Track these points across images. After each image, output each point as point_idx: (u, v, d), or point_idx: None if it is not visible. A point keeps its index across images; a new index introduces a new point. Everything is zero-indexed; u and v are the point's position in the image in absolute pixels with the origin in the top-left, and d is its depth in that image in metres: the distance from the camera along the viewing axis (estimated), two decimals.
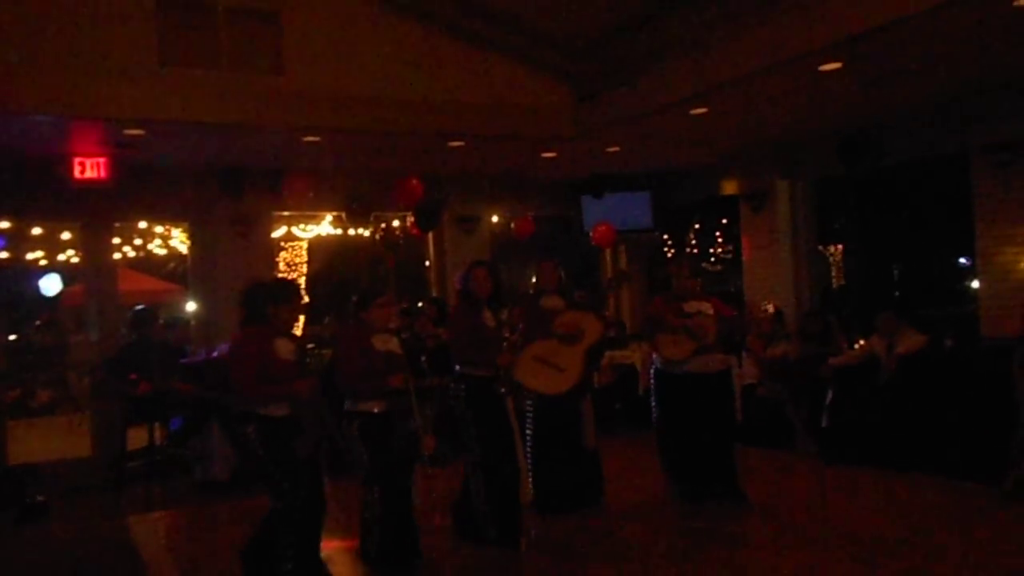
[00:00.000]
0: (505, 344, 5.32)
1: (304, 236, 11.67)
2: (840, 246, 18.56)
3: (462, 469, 5.42)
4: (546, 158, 9.02)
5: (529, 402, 5.90)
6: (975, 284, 7.63)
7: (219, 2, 6.93)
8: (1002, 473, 5.71)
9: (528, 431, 5.87)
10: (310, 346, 9.22)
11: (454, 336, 5.44)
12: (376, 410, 4.76)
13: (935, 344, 7.27)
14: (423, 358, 7.59)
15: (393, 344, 4.94)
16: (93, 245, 8.45)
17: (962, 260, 15.85)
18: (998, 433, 5.87)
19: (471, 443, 5.23)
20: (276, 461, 4.35)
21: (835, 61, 5.98)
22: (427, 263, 10.66)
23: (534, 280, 6.21)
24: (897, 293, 16.15)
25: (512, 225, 9.95)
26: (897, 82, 6.59)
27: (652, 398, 6.15)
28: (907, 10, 5.17)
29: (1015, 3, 4.98)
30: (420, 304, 9.63)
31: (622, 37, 7.67)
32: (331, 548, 4.99)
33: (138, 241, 11.50)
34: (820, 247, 13.63)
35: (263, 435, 4.35)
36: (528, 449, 5.79)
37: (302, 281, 12.33)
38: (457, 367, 5.32)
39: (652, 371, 6.17)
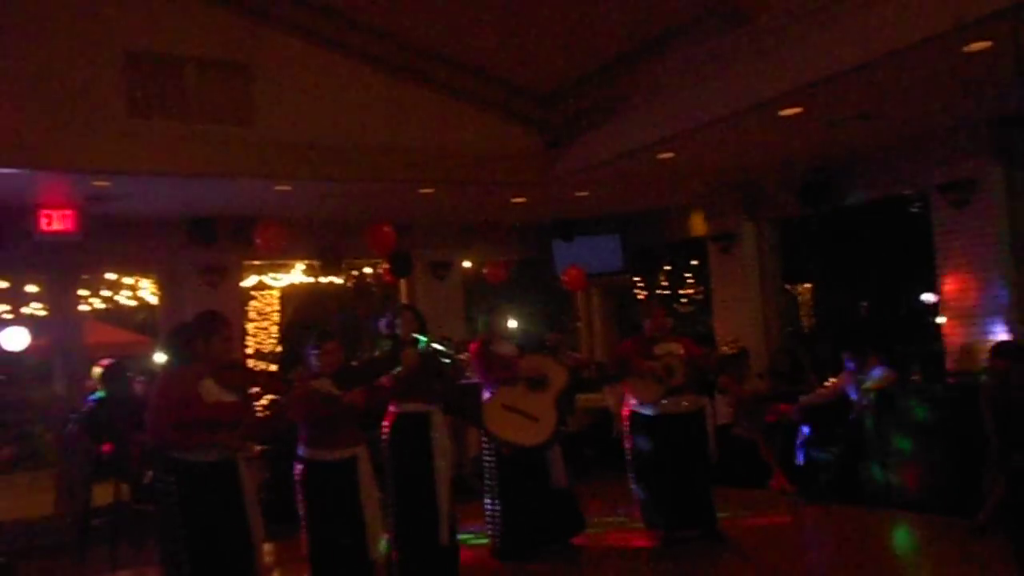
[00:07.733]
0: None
1: (275, 285, 11.61)
2: (808, 285, 18.80)
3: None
4: (516, 203, 9.10)
5: (487, 446, 5.82)
6: (940, 320, 7.76)
7: (187, 55, 6.98)
8: (975, 507, 5.76)
9: (488, 480, 5.80)
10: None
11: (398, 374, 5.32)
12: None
13: (903, 379, 7.37)
14: None
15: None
16: (59, 297, 8.34)
17: (926, 296, 16.13)
18: (970, 467, 5.93)
19: (387, 480, 5.20)
20: (186, 524, 3.91)
21: (795, 107, 6.15)
22: None
23: (479, 330, 6.20)
24: (865, 330, 16.35)
25: (484, 270, 9.98)
26: (855, 125, 6.78)
27: (626, 439, 6.13)
28: (862, 58, 5.36)
29: (964, 49, 5.19)
30: None
31: (588, 85, 7.83)
32: None
33: (106, 292, 11.35)
34: (788, 286, 13.79)
35: (183, 486, 3.93)
36: (495, 495, 5.75)
37: (274, 330, 12.22)
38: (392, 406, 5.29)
39: (628, 412, 6.17)
